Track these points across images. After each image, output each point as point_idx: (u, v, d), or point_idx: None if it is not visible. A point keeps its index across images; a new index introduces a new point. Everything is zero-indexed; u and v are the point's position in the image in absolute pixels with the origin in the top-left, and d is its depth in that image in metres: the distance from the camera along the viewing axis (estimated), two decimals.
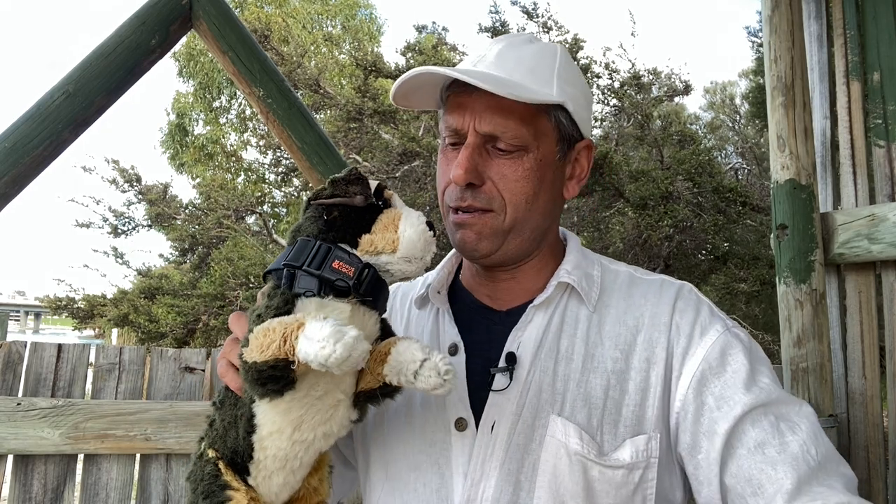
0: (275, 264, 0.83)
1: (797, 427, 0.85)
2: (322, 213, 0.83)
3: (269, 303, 0.78)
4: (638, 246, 8.20)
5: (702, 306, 0.95)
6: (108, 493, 1.91)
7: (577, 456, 0.87)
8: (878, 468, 2.08)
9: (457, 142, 0.95)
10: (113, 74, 2.06)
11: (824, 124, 2.30)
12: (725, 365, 0.89)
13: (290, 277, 0.79)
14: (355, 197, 0.83)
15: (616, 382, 0.90)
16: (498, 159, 0.93)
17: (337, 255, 0.80)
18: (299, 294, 0.78)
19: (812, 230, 2.12)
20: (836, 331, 2.20)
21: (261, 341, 0.73)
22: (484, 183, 0.93)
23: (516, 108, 0.91)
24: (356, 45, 12.35)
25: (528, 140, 0.92)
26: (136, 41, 2.09)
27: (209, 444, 0.87)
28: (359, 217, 0.83)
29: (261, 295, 0.83)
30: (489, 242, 0.95)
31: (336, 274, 0.79)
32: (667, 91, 9.75)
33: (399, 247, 0.81)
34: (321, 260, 0.79)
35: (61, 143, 2.02)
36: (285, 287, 0.79)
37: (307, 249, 0.80)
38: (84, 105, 2.03)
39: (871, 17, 2.18)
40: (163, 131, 16.78)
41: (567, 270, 0.98)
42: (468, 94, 0.92)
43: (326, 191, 0.84)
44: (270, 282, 0.83)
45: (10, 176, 1.95)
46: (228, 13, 2.21)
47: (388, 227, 0.82)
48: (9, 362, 1.88)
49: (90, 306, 10.30)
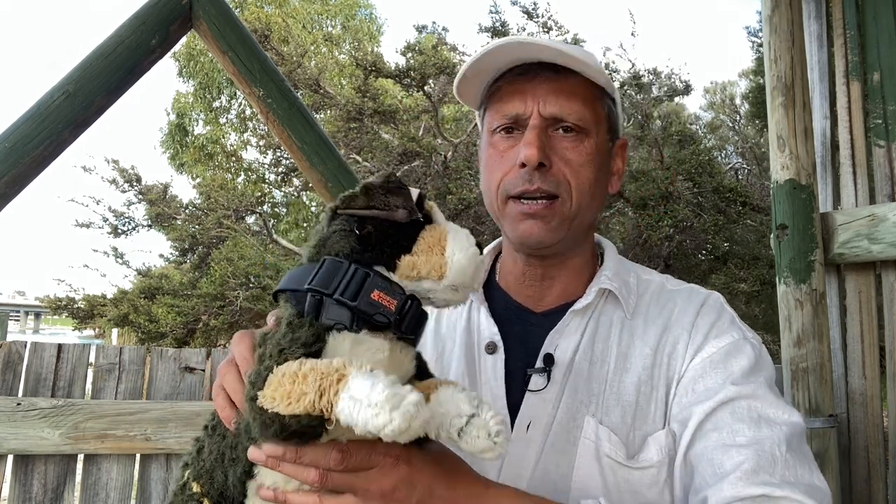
0: (291, 283, 0.71)
1: (777, 427, 0.83)
2: (353, 227, 0.70)
3: (294, 335, 0.66)
4: (638, 246, 8.20)
5: (724, 313, 0.96)
6: (108, 493, 1.91)
7: (607, 458, 0.87)
8: (878, 468, 2.08)
9: (513, 128, 0.94)
10: (113, 74, 2.06)
11: (824, 124, 2.30)
12: (728, 364, 0.89)
13: (318, 305, 0.67)
14: (397, 211, 0.69)
15: (647, 378, 0.91)
16: (561, 142, 0.93)
17: (376, 283, 0.67)
18: (329, 327, 0.67)
19: (812, 230, 2.11)
20: (836, 331, 2.20)
21: (288, 389, 0.61)
22: (552, 165, 0.92)
23: (579, 91, 0.93)
24: (356, 45, 12.35)
25: (589, 123, 0.94)
26: (136, 41, 2.09)
27: (194, 476, 0.76)
28: (398, 234, 0.70)
29: (275, 319, 0.72)
30: (556, 232, 0.94)
31: (375, 307, 0.67)
32: (667, 91, 9.75)
33: (447, 273, 0.69)
34: (357, 289, 0.67)
35: (61, 143, 2.02)
36: (311, 317, 0.67)
37: (339, 274, 0.67)
38: (84, 105, 2.03)
39: (871, 17, 2.18)
40: (163, 131, 16.78)
41: (608, 276, 0.98)
42: (528, 80, 0.92)
43: (359, 199, 0.70)
44: (286, 304, 0.70)
45: (10, 176, 1.95)
46: (228, 13, 2.21)
47: (432, 249, 0.70)
48: (9, 362, 1.88)
49: (90, 306, 10.30)
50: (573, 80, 0.92)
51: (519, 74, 0.93)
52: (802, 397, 2.07)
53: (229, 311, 9.06)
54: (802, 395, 2.07)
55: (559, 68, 0.92)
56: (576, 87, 0.92)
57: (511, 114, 0.93)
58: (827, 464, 2.03)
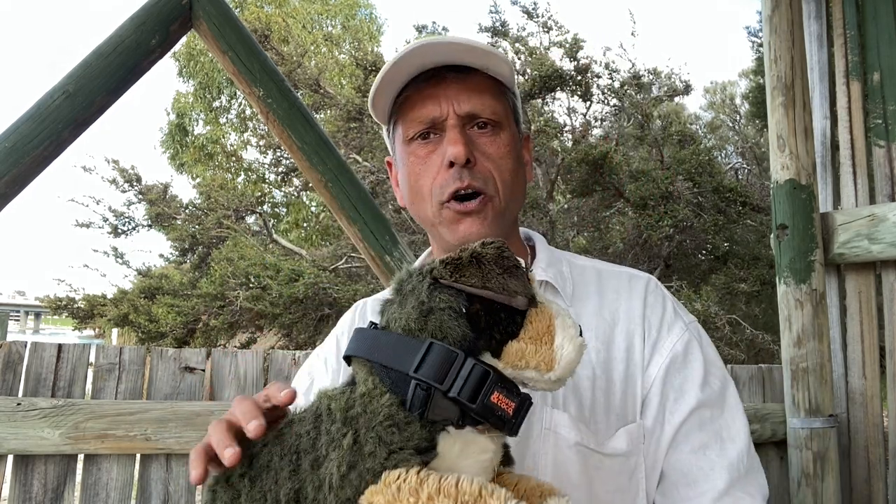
0: (382, 356, 0.63)
1: (737, 438, 0.93)
2: (462, 305, 0.63)
3: (403, 434, 0.59)
4: (638, 246, 8.20)
5: (667, 303, 1.00)
6: (108, 493, 1.91)
7: (578, 446, 0.89)
8: (878, 468, 2.08)
9: (429, 133, 0.95)
10: (113, 74, 2.06)
11: (824, 124, 2.30)
12: (687, 362, 0.95)
13: (426, 399, 0.60)
14: (515, 297, 0.62)
15: (601, 373, 0.93)
16: (479, 138, 0.95)
17: (496, 384, 0.61)
18: (436, 424, 0.60)
19: (812, 230, 2.11)
20: (836, 331, 2.20)
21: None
22: (476, 161, 0.93)
23: (486, 87, 0.95)
24: (356, 44, 12.35)
25: (501, 116, 0.96)
26: (136, 41, 2.09)
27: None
28: (508, 318, 0.64)
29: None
30: (493, 228, 0.95)
31: (493, 411, 0.60)
32: (667, 91, 9.75)
33: (556, 367, 0.63)
34: (475, 388, 0.60)
35: (61, 143, 2.02)
36: (418, 411, 0.60)
37: (454, 368, 0.60)
38: (84, 105, 2.03)
39: (871, 17, 2.18)
40: (163, 131, 16.79)
41: (542, 268, 1.00)
42: (436, 83, 0.94)
43: (469, 272, 0.62)
44: (371, 378, 0.63)
45: (10, 176, 1.95)
46: (228, 13, 2.21)
47: (542, 338, 0.64)
48: (9, 362, 1.88)
49: (90, 306, 10.31)
50: (478, 77, 0.95)
51: (424, 81, 0.94)
52: (802, 397, 2.07)
53: (229, 311, 9.06)
54: (802, 395, 2.07)
55: (462, 68, 0.93)
56: (483, 84, 0.95)
57: (427, 118, 0.94)
58: (827, 464, 2.03)
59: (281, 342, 9.48)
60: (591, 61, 9.22)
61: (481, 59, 0.93)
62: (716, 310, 7.15)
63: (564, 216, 9.13)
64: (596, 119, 9.88)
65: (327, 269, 8.87)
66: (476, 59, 0.93)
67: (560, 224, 8.80)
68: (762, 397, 2.27)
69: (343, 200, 2.27)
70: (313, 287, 8.11)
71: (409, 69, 0.93)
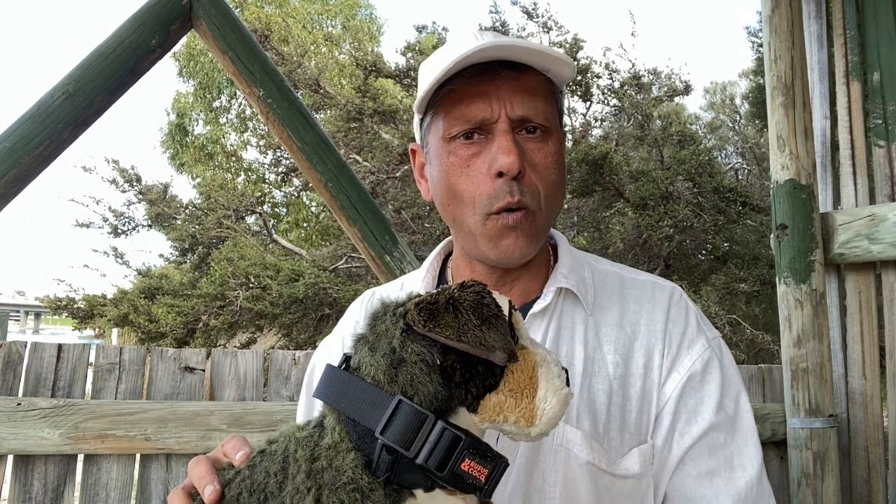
0: (348, 406, 0.59)
1: (748, 465, 0.88)
2: (435, 356, 0.58)
3: (367, 499, 0.56)
4: (638, 246, 8.20)
5: (690, 317, 0.96)
6: (108, 493, 1.91)
7: (588, 465, 0.85)
8: (878, 468, 2.08)
9: (473, 133, 0.87)
10: (113, 74, 2.06)
11: (824, 124, 2.30)
12: (704, 382, 0.91)
13: (393, 464, 0.57)
14: (494, 352, 0.57)
15: (619, 387, 0.89)
16: (527, 144, 0.87)
17: (467, 450, 0.57)
18: (403, 490, 0.58)
19: (812, 230, 2.11)
20: (836, 331, 2.20)
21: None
22: (525, 172, 0.86)
23: (540, 89, 0.88)
24: (356, 45, 12.34)
25: (552, 121, 0.89)
26: (136, 41, 2.09)
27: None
28: (486, 371, 0.60)
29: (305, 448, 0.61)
30: (535, 245, 0.90)
31: (463, 479, 0.57)
32: (667, 91, 9.75)
33: (537, 423, 0.60)
34: (443, 456, 0.56)
35: (61, 143, 2.02)
36: (384, 476, 0.57)
37: (423, 432, 0.56)
38: (84, 105, 2.03)
39: (871, 17, 2.18)
40: (163, 131, 16.77)
41: (563, 275, 0.95)
42: (489, 80, 0.85)
43: (445, 320, 0.58)
44: (338, 430, 0.60)
45: (10, 176, 1.95)
46: (228, 13, 2.21)
47: (523, 391, 0.59)
48: (9, 362, 1.88)
49: (90, 306, 10.30)
50: (533, 77, 0.87)
51: (476, 75, 0.85)
52: (802, 397, 2.07)
53: (229, 311, 9.05)
54: (802, 395, 2.07)
55: (519, 65, 0.85)
56: (537, 85, 0.87)
57: (475, 118, 0.85)
58: (827, 464, 2.03)
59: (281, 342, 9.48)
60: (591, 61, 9.22)
61: (543, 60, 0.85)
62: (716, 310, 7.15)
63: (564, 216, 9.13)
64: (596, 119, 9.88)
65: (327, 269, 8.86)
66: (537, 59, 0.85)
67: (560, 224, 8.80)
68: (762, 397, 2.27)
69: (343, 200, 2.27)
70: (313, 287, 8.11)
71: (462, 63, 0.83)
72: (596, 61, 9.33)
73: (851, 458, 2.12)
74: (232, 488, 0.64)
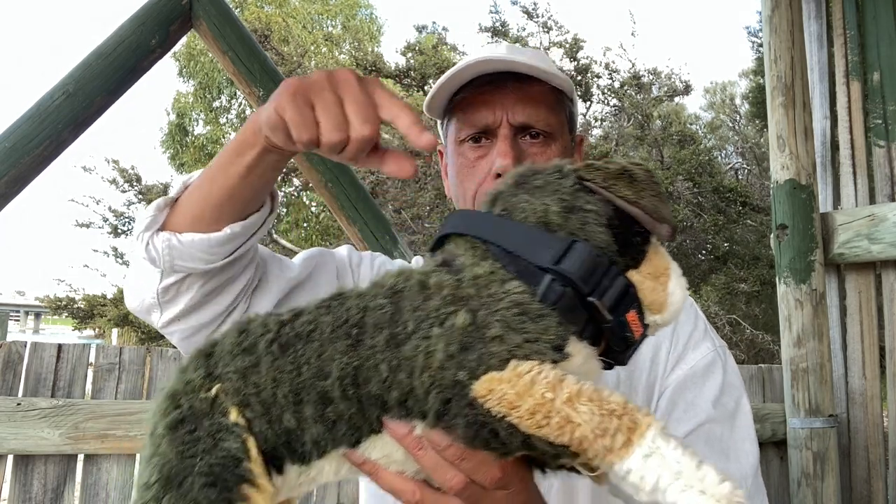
0: (507, 239, 0.56)
1: (742, 459, 0.90)
2: (606, 217, 0.57)
3: (539, 325, 0.53)
4: None
5: (699, 321, 0.99)
6: (108, 493, 1.91)
7: None
8: (878, 468, 2.08)
9: (480, 138, 0.96)
10: (113, 74, 2.06)
11: (824, 124, 2.30)
12: (706, 380, 0.93)
13: (560, 298, 0.53)
14: (662, 225, 0.57)
15: (626, 378, 0.92)
16: (530, 148, 0.95)
17: (634, 303, 0.56)
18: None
19: (812, 230, 2.11)
20: (836, 331, 2.20)
21: (546, 406, 0.49)
22: None
23: (543, 98, 0.95)
24: (356, 45, 12.36)
25: (555, 128, 0.96)
26: (136, 41, 2.09)
27: (236, 399, 0.56)
28: (636, 245, 0.58)
29: (480, 278, 0.55)
30: None
31: (623, 329, 0.55)
32: (667, 91, 9.75)
33: (665, 312, 0.58)
34: (616, 300, 0.55)
35: (61, 143, 2.02)
36: (558, 311, 0.53)
37: (598, 272, 0.54)
38: (84, 105, 2.03)
39: (871, 17, 2.18)
40: (163, 131, 16.77)
41: None
42: (495, 89, 0.94)
43: (621, 186, 0.57)
44: (490, 262, 0.56)
45: (10, 176, 1.95)
46: (228, 13, 2.21)
47: (658, 277, 0.59)
48: (9, 362, 1.88)
49: (90, 306, 10.30)
50: (538, 86, 0.95)
51: (484, 84, 0.94)
52: (802, 397, 2.07)
53: None
54: (802, 395, 2.07)
55: (523, 76, 0.94)
56: (541, 94, 0.95)
57: (480, 124, 0.94)
58: (827, 464, 2.03)
59: None
60: (591, 61, 9.22)
61: (542, 74, 0.93)
62: (716, 310, 7.16)
63: None
64: (596, 119, 9.88)
65: None
66: (537, 74, 0.93)
67: None
68: (762, 397, 2.27)
69: (343, 200, 2.27)
70: None
71: (470, 71, 0.94)
72: (596, 61, 9.34)
73: (851, 458, 2.12)
74: (296, 324, 0.58)
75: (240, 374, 0.56)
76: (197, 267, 0.75)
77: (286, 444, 0.56)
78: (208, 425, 0.55)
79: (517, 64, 0.91)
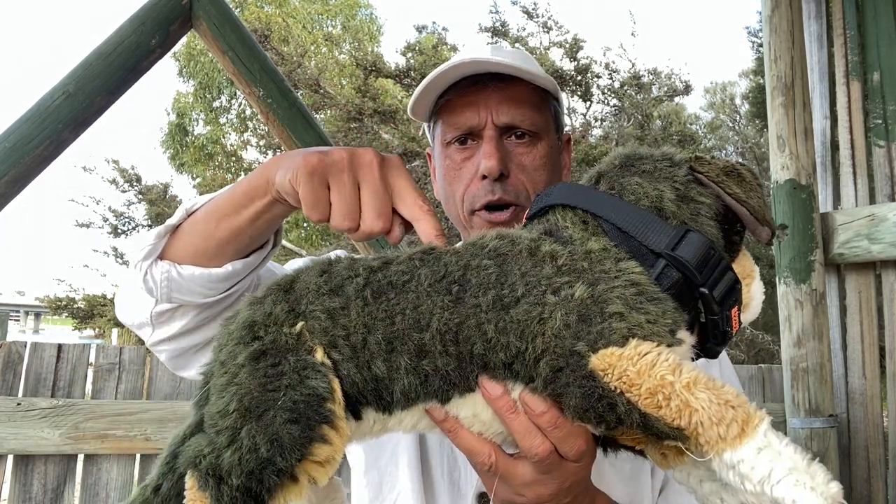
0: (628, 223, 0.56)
1: None
2: (715, 211, 0.58)
3: (660, 308, 0.53)
4: None
5: None
6: (108, 493, 1.91)
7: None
8: (878, 468, 2.08)
9: (466, 139, 0.96)
10: (113, 74, 2.06)
11: (824, 124, 2.30)
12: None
13: (676, 281, 0.54)
14: (764, 227, 0.58)
15: None
16: (516, 148, 0.95)
17: (738, 297, 0.56)
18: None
19: (812, 230, 2.11)
20: (836, 331, 2.20)
21: (667, 388, 0.49)
22: (510, 174, 0.93)
23: (527, 98, 0.95)
24: (356, 45, 12.35)
25: (540, 127, 0.96)
26: (136, 41, 2.08)
27: (323, 339, 0.55)
28: (733, 244, 0.60)
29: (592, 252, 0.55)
30: None
31: (725, 324, 0.56)
32: (667, 91, 9.75)
33: (747, 313, 0.60)
34: (725, 293, 0.55)
35: (61, 143, 2.01)
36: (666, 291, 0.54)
37: (711, 263, 0.55)
38: (84, 105, 2.03)
39: (871, 17, 2.18)
40: (163, 131, 16.77)
41: None
42: (479, 90, 0.93)
43: (730, 182, 0.58)
44: (601, 238, 0.56)
45: (10, 176, 1.95)
46: (228, 13, 2.21)
47: (744, 278, 0.59)
48: (9, 362, 1.88)
49: (90, 306, 10.31)
50: (521, 86, 0.94)
51: (468, 86, 0.94)
52: (802, 397, 2.07)
53: None
54: (802, 395, 2.07)
55: (507, 77, 0.93)
56: (524, 94, 0.95)
57: (465, 126, 0.94)
58: (827, 464, 2.03)
59: None
60: (591, 61, 9.22)
61: (525, 75, 0.92)
62: None
63: None
64: (596, 119, 9.88)
65: None
66: (520, 74, 0.92)
67: None
68: (762, 397, 2.28)
69: None
70: None
71: (453, 73, 0.93)
72: (596, 61, 9.34)
73: (851, 458, 2.12)
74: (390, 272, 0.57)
75: (328, 315, 0.55)
76: (194, 300, 0.76)
77: (374, 391, 0.55)
78: (294, 361, 0.54)
79: (499, 65, 0.91)
